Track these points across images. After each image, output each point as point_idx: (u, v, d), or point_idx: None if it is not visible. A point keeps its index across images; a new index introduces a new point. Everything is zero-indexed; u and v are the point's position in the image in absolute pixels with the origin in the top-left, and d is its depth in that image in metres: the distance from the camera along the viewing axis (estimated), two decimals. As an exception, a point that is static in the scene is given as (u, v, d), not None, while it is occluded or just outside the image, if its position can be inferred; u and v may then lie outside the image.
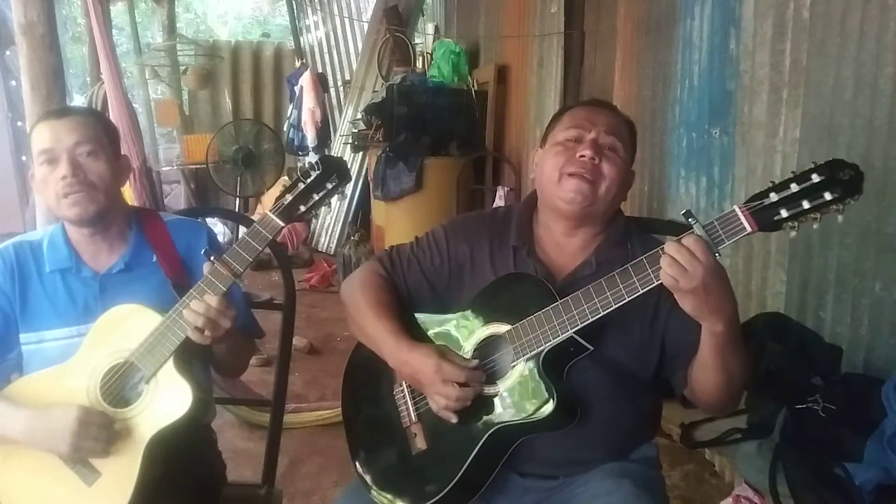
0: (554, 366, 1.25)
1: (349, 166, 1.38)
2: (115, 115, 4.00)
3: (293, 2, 8.85)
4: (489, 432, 1.26)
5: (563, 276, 1.33)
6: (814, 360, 2.10)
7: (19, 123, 5.49)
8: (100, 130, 1.40)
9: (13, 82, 5.55)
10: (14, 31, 2.81)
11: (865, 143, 2.17)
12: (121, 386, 1.31)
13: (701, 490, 2.39)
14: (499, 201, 4.97)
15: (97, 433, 1.27)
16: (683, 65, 3.03)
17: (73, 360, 1.34)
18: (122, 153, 1.48)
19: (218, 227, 5.64)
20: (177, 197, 7.21)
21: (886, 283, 2.16)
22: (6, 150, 5.73)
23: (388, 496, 1.35)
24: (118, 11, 8.29)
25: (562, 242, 1.37)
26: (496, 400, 1.28)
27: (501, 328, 1.29)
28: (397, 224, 4.91)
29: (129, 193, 4.15)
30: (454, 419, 1.27)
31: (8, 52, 5.52)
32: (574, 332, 1.21)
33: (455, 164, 5.03)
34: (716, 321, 1.13)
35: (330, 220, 6.57)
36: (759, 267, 2.65)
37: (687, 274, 1.08)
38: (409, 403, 1.37)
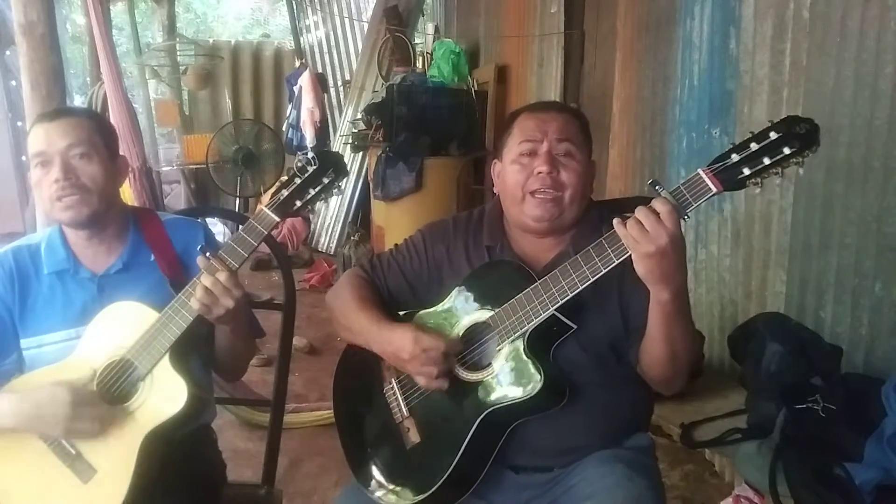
0: (539, 346, 1.26)
1: (349, 166, 1.38)
2: (115, 115, 4.01)
3: (293, 2, 8.85)
4: (480, 417, 1.27)
5: (541, 266, 1.35)
6: (814, 360, 2.11)
7: (19, 123, 5.49)
8: (93, 132, 1.39)
9: (13, 82, 5.56)
10: (14, 31, 2.81)
11: (865, 143, 2.17)
12: (118, 383, 1.32)
13: (701, 490, 2.39)
14: (494, 201, 4.95)
15: (90, 413, 1.27)
16: (683, 65, 3.02)
17: (71, 358, 1.34)
18: (120, 153, 1.48)
19: (218, 227, 5.64)
20: (177, 197, 7.20)
21: (886, 283, 2.16)
22: (6, 150, 5.74)
23: (387, 492, 1.35)
24: (118, 11, 8.30)
25: (536, 240, 1.39)
26: (484, 384, 1.29)
27: (484, 315, 1.31)
28: (397, 224, 4.90)
29: (129, 193, 4.16)
30: (445, 385, 1.29)
31: (8, 52, 5.52)
32: (555, 310, 1.23)
33: (455, 164, 5.03)
34: (662, 289, 1.14)
35: (330, 220, 6.57)
36: (759, 267, 2.65)
37: (648, 236, 1.10)
38: (400, 398, 1.38)
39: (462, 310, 1.35)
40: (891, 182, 2.12)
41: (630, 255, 1.14)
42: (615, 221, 1.14)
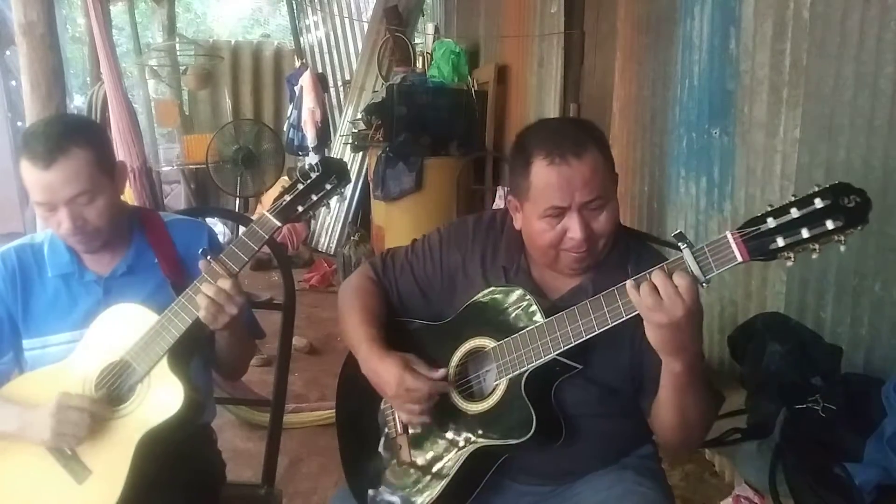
0: (539, 385, 1.22)
1: (349, 166, 1.39)
2: (115, 115, 4.00)
3: (293, 2, 8.85)
4: (470, 451, 1.25)
5: (556, 296, 1.30)
6: (814, 360, 2.11)
7: (19, 123, 5.48)
8: (93, 165, 1.31)
9: (13, 82, 5.55)
10: (14, 31, 2.81)
11: (865, 143, 2.17)
12: (115, 384, 1.32)
13: (701, 490, 2.38)
14: (499, 201, 4.96)
15: (77, 418, 1.25)
16: (683, 65, 3.02)
17: (70, 359, 1.35)
18: (118, 156, 1.46)
19: (218, 227, 5.64)
20: (177, 197, 7.21)
21: (886, 283, 2.16)
22: (6, 150, 5.72)
23: None
24: (118, 11, 8.29)
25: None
26: (479, 417, 1.26)
27: (488, 343, 1.27)
28: (397, 224, 4.91)
29: (129, 193, 4.16)
30: (428, 420, 1.28)
31: (8, 52, 5.52)
32: (557, 355, 1.18)
33: (455, 164, 5.03)
34: (674, 360, 1.08)
35: (330, 220, 6.57)
36: (759, 267, 2.65)
37: (663, 308, 1.02)
38: (397, 413, 1.36)
39: (467, 331, 1.31)
40: (891, 182, 2.12)
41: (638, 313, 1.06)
42: (629, 285, 1.06)
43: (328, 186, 1.25)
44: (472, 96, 5.26)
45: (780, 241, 0.97)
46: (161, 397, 1.29)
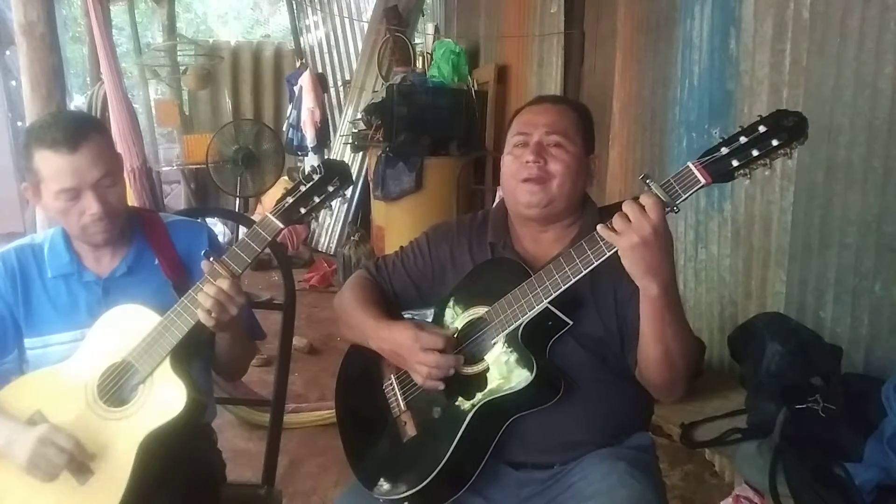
0: (534, 341, 1.27)
1: (349, 166, 1.41)
2: (115, 115, 4.00)
3: (293, 2, 8.85)
4: (474, 409, 1.28)
5: (542, 264, 1.35)
6: (814, 360, 2.10)
7: (19, 123, 5.48)
8: (110, 148, 1.38)
9: (13, 82, 5.55)
10: (14, 31, 2.81)
11: (865, 143, 2.17)
12: (118, 385, 1.32)
13: (701, 490, 2.39)
14: (499, 201, 4.96)
15: (55, 456, 1.25)
16: (683, 65, 3.02)
17: (73, 360, 1.35)
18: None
19: (218, 227, 5.64)
20: (177, 197, 7.20)
21: (886, 283, 2.16)
22: (6, 150, 5.72)
23: (385, 486, 1.36)
24: (118, 11, 8.29)
25: (538, 237, 1.42)
26: (479, 377, 1.31)
27: (481, 310, 1.33)
28: (397, 224, 4.91)
29: (130, 193, 4.15)
30: (441, 386, 1.30)
31: (8, 52, 5.52)
32: (548, 303, 1.24)
33: (455, 164, 5.03)
34: (650, 282, 1.15)
35: (330, 221, 6.57)
36: (759, 267, 2.65)
37: (631, 227, 1.11)
38: (398, 393, 1.40)
39: (461, 307, 1.38)
40: (891, 182, 2.12)
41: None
42: (599, 226, 1.16)
43: (330, 188, 1.27)
44: (472, 96, 5.26)
45: (735, 162, 1.12)
46: (163, 398, 1.30)
